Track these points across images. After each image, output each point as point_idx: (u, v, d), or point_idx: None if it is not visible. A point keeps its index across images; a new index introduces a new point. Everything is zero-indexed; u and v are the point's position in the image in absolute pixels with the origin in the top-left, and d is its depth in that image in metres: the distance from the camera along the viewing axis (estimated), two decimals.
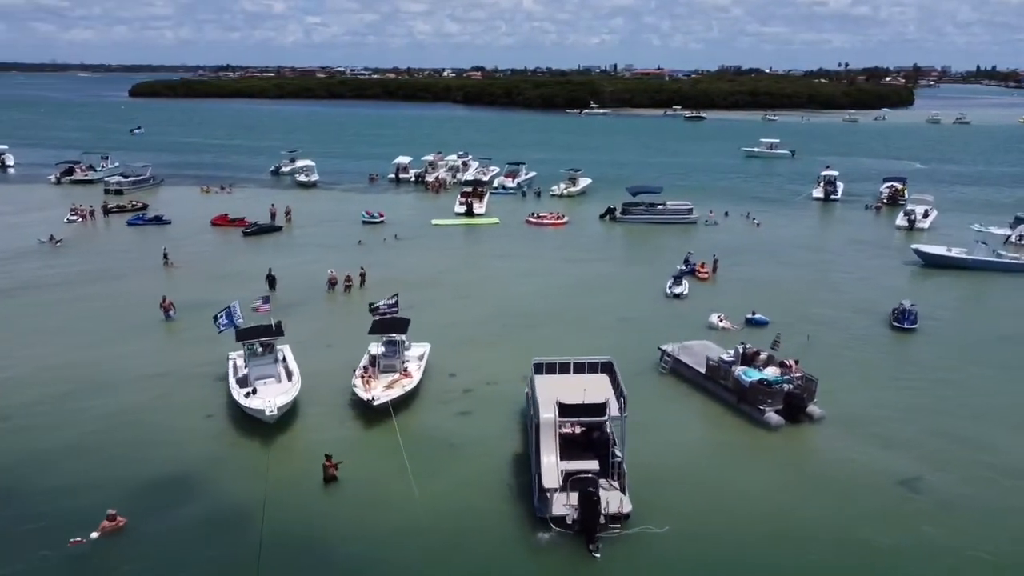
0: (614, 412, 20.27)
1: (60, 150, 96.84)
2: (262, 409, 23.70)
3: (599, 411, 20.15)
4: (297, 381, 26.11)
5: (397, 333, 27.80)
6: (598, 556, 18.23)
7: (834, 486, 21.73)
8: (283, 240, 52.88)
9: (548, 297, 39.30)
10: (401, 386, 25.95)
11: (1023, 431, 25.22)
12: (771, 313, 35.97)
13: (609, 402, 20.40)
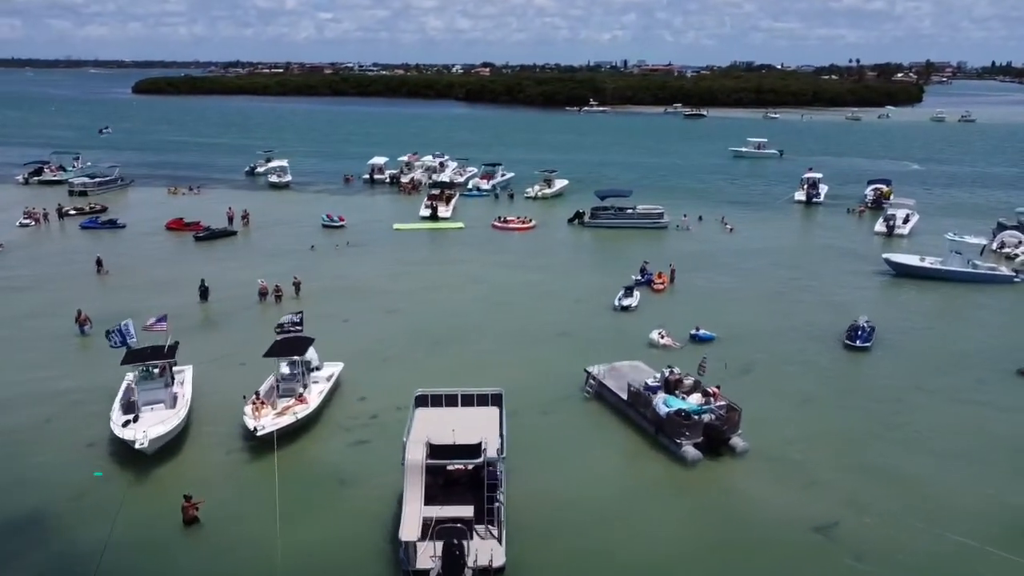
0: (491, 453, 18.46)
1: (42, 149, 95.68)
2: (133, 440, 22.05)
3: (473, 453, 18.35)
4: (183, 408, 24.41)
5: (295, 354, 26.01)
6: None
7: (743, 534, 19.90)
8: (234, 245, 51.36)
9: (492, 309, 37.58)
10: (292, 413, 24.21)
11: (959, 463, 23.29)
12: (722, 328, 34.17)
13: (486, 442, 18.57)
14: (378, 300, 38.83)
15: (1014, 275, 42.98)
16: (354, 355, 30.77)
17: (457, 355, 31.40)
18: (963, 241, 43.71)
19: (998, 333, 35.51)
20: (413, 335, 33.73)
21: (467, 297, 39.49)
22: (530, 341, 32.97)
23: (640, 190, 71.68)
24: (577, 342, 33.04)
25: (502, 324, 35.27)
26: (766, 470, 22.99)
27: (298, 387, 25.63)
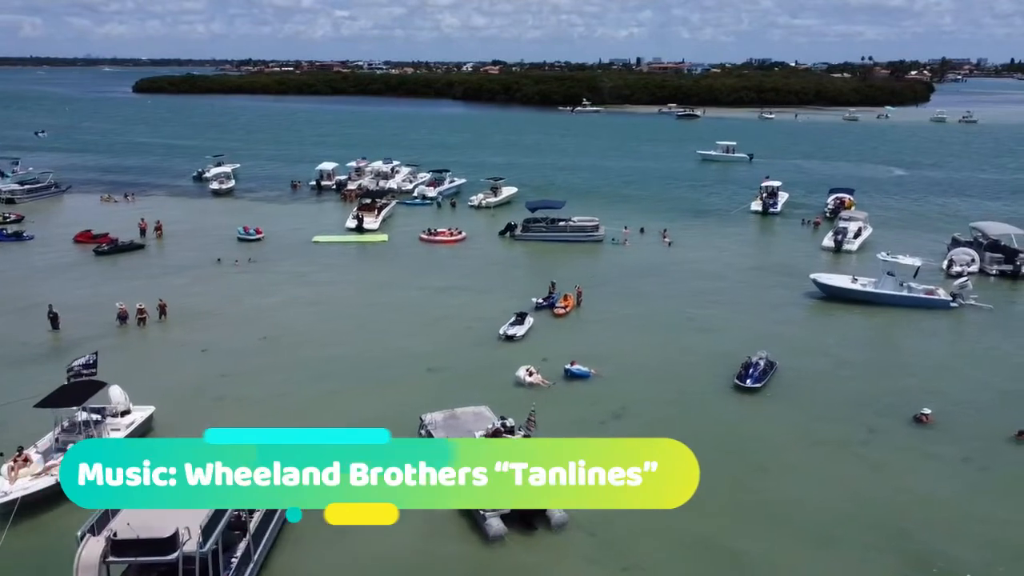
0: (190, 547, 15.54)
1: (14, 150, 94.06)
2: None
3: (162, 548, 15.41)
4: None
5: (74, 403, 23.17)
6: None
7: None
8: (138, 260, 48.58)
9: (364, 337, 34.51)
10: (50, 474, 21.42)
11: (816, 546, 20.15)
12: (611, 362, 31.16)
13: (186, 532, 15.62)
14: (253, 325, 35.96)
15: (950, 299, 39.49)
16: (190, 394, 28.13)
17: (301, 395, 28.53)
18: (896, 261, 40.28)
19: (917, 370, 32.18)
20: (268, 368, 30.92)
21: (345, 323, 36.52)
22: (389, 378, 29.99)
23: (598, 197, 69.82)
24: (442, 379, 30.11)
25: (370, 355, 32.31)
26: (583, 548, 20.00)
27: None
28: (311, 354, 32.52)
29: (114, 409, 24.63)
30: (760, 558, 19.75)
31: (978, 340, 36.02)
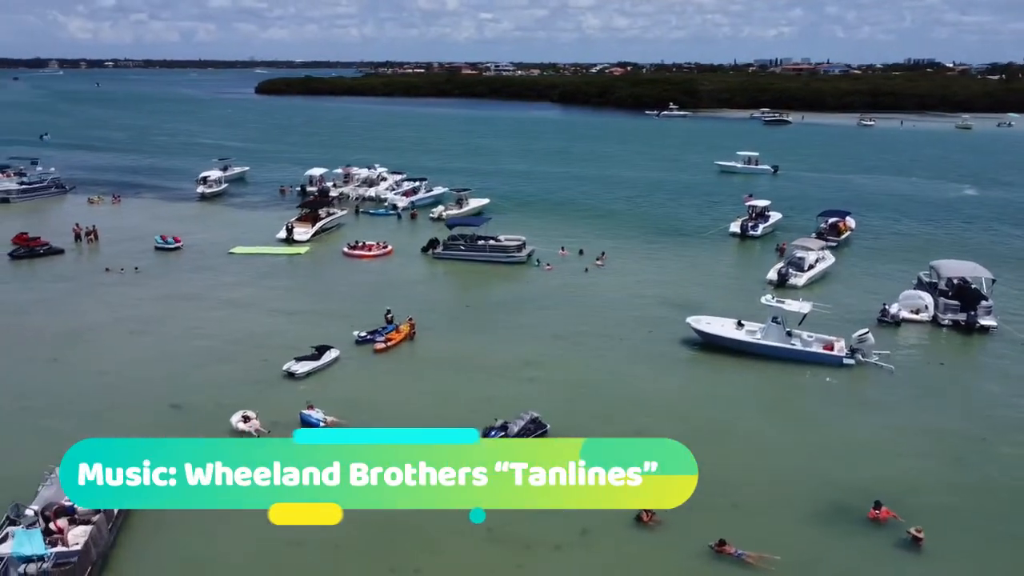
0: None
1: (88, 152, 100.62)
2: None
3: None
4: None
5: None
6: None
7: None
8: (44, 266, 48.83)
9: (138, 366, 32.34)
10: None
11: None
12: (364, 411, 27.62)
13: None
14: (53, 344, 34.84)
15: (844, 355, 32.86)
16: None
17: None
18: (779, 306, 34.02)
19: (741, 442, 26.54)
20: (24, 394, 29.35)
21: (137, 350, 34.40)
22: (116, 407, 27.90)
23: (577, 212, 66.75)
24: (176, 416, 27.65)
25: (127, 398, 29.93)
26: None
27: None
28: (64, 386, 30.76)
29: None
30: None
31: (844, 411, 29.52)
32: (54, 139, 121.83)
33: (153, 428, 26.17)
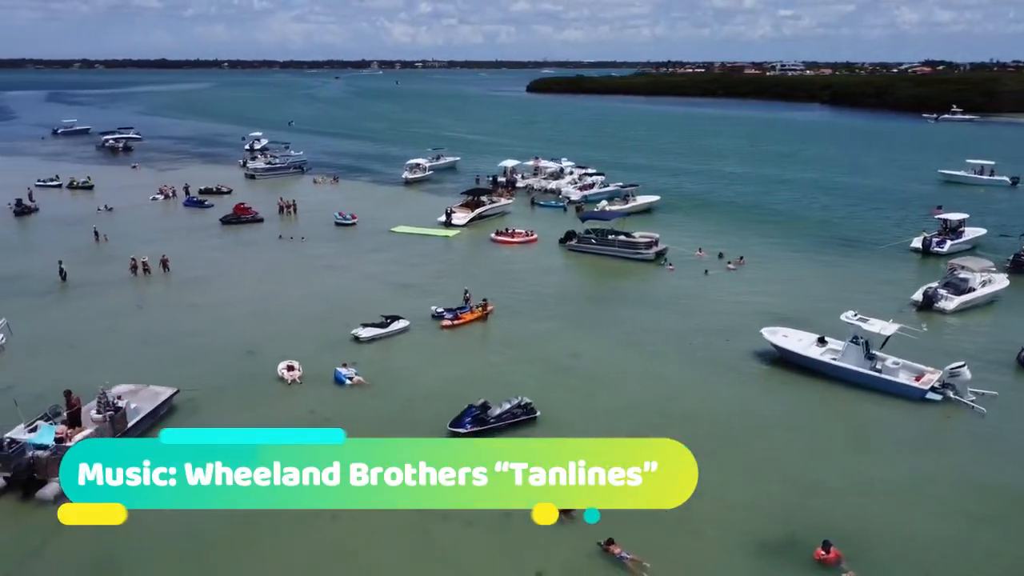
0: None
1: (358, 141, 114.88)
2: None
3: None
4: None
5: None
6: None
7: None
8: (244, 231, 57.17)
9: (240, 312, 37.48)
10: None
11: None
12: (389, 378, 30.00)
13: None
14: (207, 292, 41.51)
15: (928, 388, 28.45)
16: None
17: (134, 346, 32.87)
18: (859, 325, 30.11)
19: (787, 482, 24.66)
20: (137, 337, 35.33)
21: (253, 300, 39.91)
22: (200, 359, 32.76)
23: (730, 215, 63.18)
24: (243, 361, 31.92)
25: (219, 331, 35.29)
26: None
27: None
28: (198, 317, 36.77)
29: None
30: None
31: (883, 447, 25.72)
32: (300, 126, 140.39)
33: (223, 368, 30.83)
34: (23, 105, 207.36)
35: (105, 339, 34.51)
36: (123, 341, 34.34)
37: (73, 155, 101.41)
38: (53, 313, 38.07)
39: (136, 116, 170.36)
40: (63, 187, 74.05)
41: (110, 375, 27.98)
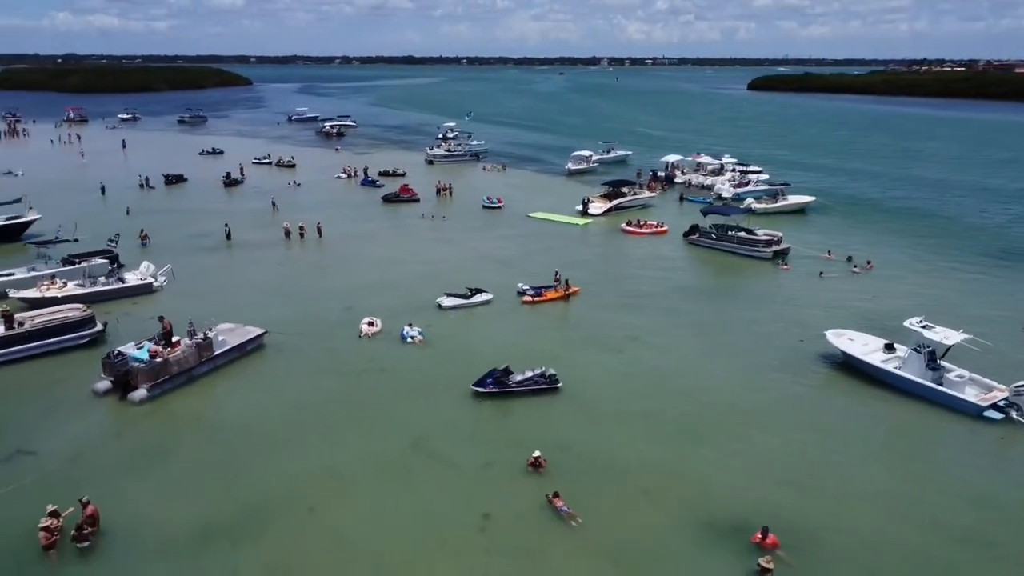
0: None
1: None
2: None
3: None
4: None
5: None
6: None
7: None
8: (402, 208, 62.77)
9: (362, 277, 42.05)
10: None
11: None
12: (451, 343, 32.94)
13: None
14: (339, 256, 47.09)
15: (988, 405, 26.18)
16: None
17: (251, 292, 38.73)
18: (923, 332, 28.08)
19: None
20: (268, 293, 40.80)
21: (377, 265, 44.59)
22: (310, 308, 37.74)
23: (913, 220, 59.80)
24: (339, 313, 36.37)
25: (339, 286, 40.06)
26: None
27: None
28: (324, 276, 42.13)
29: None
30: None
31: (909, 458, 24.26)
32: (500, 119, 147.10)
33: (320, 318, 35.48)
34: (276, 95, 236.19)
35: (241, 288, 40.71)
36: (254, 290, 40.34)
37: (295, 138, 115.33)
38: (210, 264, 45.26)
39: (364, 107, 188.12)
40: (272, 165, 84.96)
41: (228, 315, 33.69)
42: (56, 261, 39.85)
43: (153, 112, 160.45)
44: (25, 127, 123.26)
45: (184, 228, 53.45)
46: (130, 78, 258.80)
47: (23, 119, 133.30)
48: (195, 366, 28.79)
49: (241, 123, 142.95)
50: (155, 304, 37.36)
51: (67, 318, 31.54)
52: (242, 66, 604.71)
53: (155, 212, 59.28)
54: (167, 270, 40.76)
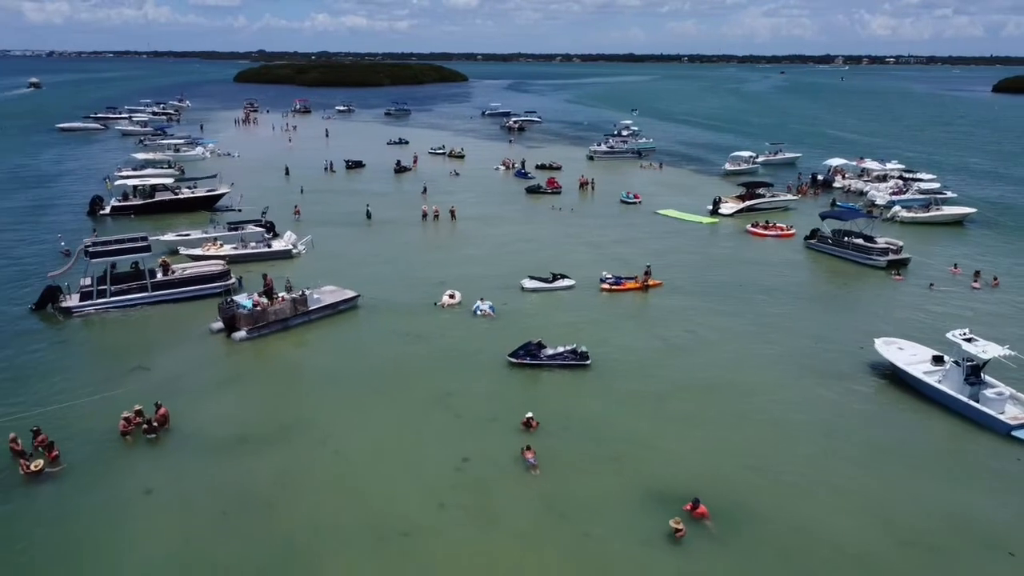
0: None
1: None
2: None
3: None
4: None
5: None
6: None
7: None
8: (542, 198, 66.37)
9: (476, 258, 46.17)
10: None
11: None
12: (514, 318, 36.28)
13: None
14: (459, 238, 51.79)
15: (1014, 425, 24.95)
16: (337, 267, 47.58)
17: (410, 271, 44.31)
18: (961, 345, 26.88)
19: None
20: (391, 273, 45.99)
21: (494, 247, 48.72)
22: (407, 280, 42.58)
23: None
24: (430, 288, 40.90)
25: (447, 261, 44.55)
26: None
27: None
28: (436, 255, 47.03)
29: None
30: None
31: (893, 464, 23.90)
32: (663, 115, 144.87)
33: (413, 289, 40.14)
34: (484, 91, 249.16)
35: (363, 259, 46.48)
36: (372, 260, 46.05)
37: (479, 132, 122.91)
38: (347, 238, 51.51)
39: (559, 103, 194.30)
40: (445, 155, 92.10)
41: (340, 280, 39.29)
42: (223, 227, 47.81)
43: (369, 105, 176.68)
44: (257, 116, 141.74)
45: (342, 207, 60.67)
46: (358, 74, 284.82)
47: (259, 109, 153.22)
48: (290, 317, 34.38)
49: (439, 116, 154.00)
50: (291, 267, 43.96)
51: (208, 271, 38.63)
52: (469, 63, 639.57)
53: (325, 192, 67.67)
54: (307, 240, 47.44)
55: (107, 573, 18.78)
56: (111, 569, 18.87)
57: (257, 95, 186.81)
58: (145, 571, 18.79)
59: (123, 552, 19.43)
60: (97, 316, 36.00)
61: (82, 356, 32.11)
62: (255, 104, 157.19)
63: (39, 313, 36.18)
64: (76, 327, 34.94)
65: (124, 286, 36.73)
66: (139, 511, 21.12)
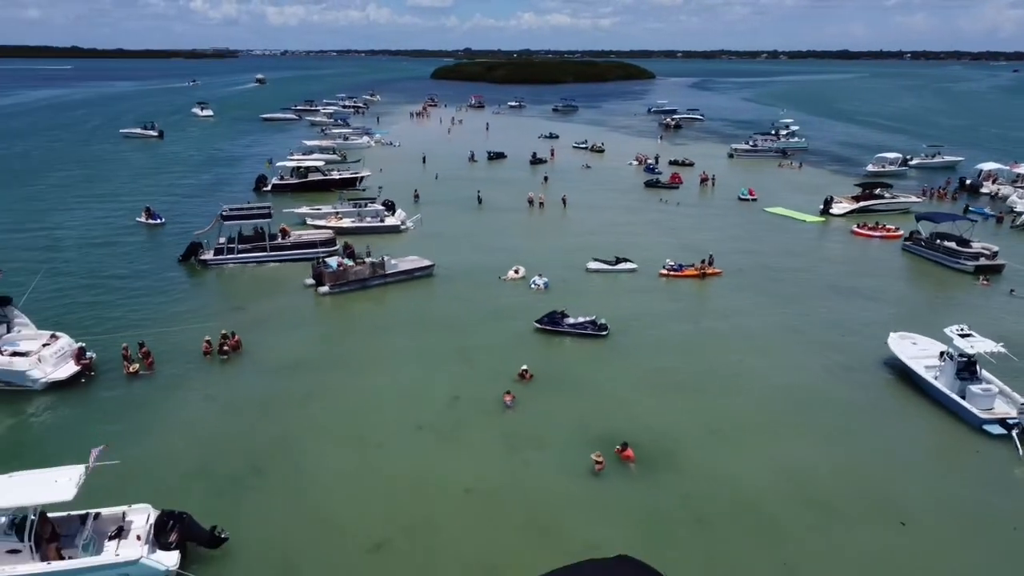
0: None
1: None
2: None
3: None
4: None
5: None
6: None
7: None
8: (657, 191, 68.49)
9: (550, 241, 49.89)
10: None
11: None
12: (570, 299, 39.93)
13: None
14: (554, 224, 55.67)
15: (984, 419, 25.10)
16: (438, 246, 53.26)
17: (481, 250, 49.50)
18: (954, 339, 26.95)
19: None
20: (482, 253, 50.98)
21: (581, 232, 51.93)
22: (468, 252, 47.15)
23: None
24: (505, 260, 45.28)
25: (528, 245, 48.69)
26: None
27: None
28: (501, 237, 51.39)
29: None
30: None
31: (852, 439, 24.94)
32: (840, 115, 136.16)
33: (487, 262, 44.72)
34: (665, 89, 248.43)
35: (461, 237, 51.65)
36: (466, 238, 51.18)
37: (634, 128, 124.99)
38: (455, 219, 56.83)
39: (736, 102, 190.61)
40: (587, 149, 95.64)
41: (426, 252, 44.77)
42: (347, 203, 54.97)
43: (541, 101, 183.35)
44: (432, 110, 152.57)
45: (464, 192, 66.19)
46: (544, 71, 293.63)
47: (438, 104, 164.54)
48: (368, 278, 40.19)
49: (603, 113, 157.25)
50: (399, 240, 50.00)
51: (316, 238, 45.52)
52: (668, 61, 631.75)
53: (458, 179, 73.85)
54: (416, 219, 53.47)
55: (165, 444, 24.87)
56: (168, 444, 24.92)
57: (446, 91, 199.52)
58: (192, 445, 24.77)
59: (178, 431, 25.66)
60: (225, 268, 43.97)
61: (204, 297, 39.79)
62: (435, 99, 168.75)
63: (185, 264, 44.64)
64: (208, 276, 43.08)
65: (248, 245, 44.41)
66: (197, 408, 27.42)
